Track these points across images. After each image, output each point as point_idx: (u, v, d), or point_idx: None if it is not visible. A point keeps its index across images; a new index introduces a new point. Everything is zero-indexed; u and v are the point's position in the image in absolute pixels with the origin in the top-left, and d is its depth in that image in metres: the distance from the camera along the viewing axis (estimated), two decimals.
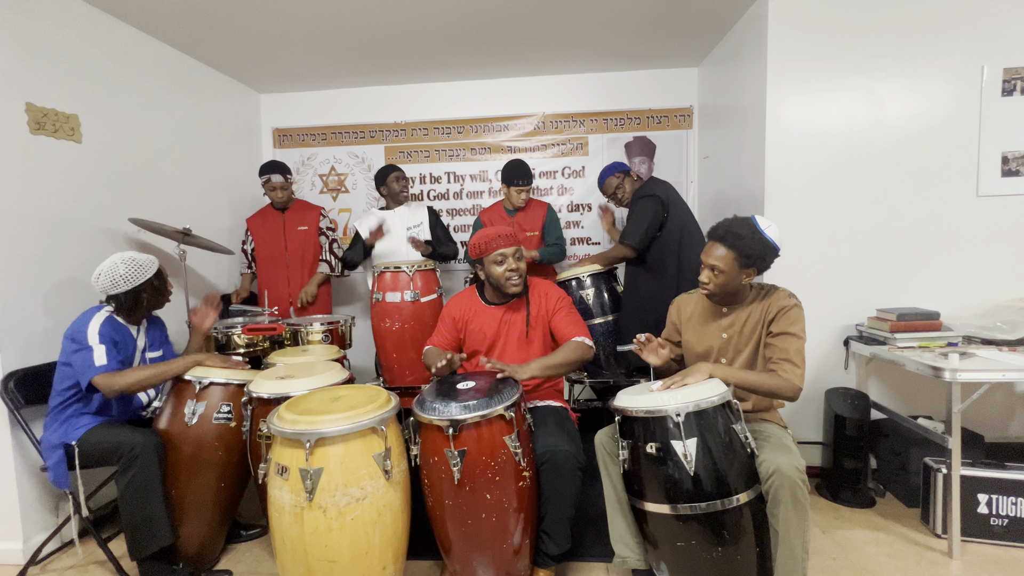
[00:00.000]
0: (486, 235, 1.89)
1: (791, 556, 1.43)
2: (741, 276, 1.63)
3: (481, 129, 3.61)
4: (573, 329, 1.90)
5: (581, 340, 1.87)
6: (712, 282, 1.64)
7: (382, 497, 1.46)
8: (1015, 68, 2.30)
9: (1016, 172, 2.33)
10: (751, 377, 1.57)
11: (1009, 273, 2.36)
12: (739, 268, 1.61)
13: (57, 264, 2.16)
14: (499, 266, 1.87)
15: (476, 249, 1.90)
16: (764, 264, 1.64)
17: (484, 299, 2.00)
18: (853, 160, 2.40)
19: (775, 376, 1.55)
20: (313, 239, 3.14)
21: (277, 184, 3.01)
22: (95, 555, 2.02)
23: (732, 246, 1.60)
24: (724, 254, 1.61)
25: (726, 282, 1.63)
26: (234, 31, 2.68)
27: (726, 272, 1.61)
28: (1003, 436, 2.43)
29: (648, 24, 2.76)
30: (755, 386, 1.56)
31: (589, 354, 1.86)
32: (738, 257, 1.60)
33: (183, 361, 1.90)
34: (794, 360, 1.56)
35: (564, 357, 1.82)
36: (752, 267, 1.62)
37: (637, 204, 2.55)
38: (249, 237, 3.13)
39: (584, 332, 1.90)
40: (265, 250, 3.08)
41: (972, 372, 1.80)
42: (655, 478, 1.46)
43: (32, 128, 2.08)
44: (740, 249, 1.59)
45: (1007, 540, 1.95)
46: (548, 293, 1.98)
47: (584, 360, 1.86)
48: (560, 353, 1.84)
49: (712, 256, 1.63)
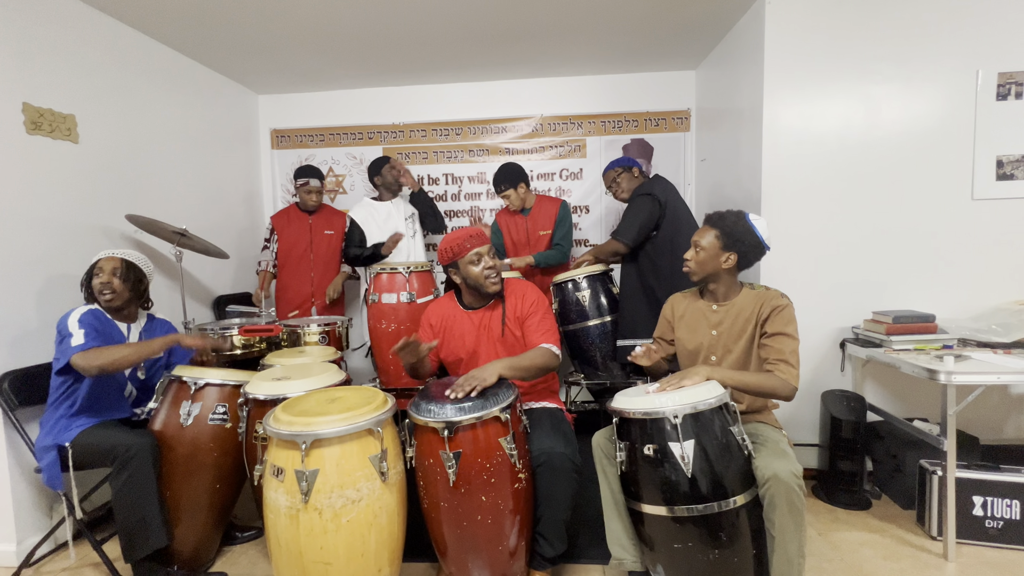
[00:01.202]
0: (456, 238, 1.82)
1: (787, 561, 1.43)
2: (720, 257, 1.70)
3: (479, 131, 3.61)
4: (540, 336, 1.82)
5: (548, 347, 1.78)
6: (692, 259, 1.74)
7: (378, 499, 1.46)
8: (1010, 72, 2.31)
9: (1011, 176, 2.35)
10: (748, 378, 1.58)
11: (1004, 276, 2.38)
12: (719, 248, 1.70)
13: (53, 264, 2.15)
14: (475, 266, 1.81)
15: (448, 253, 1.83)
16: (744, 251, 1.68)
17: (462, 304, 1.95)
18: (849, 163, 2.41)
19: (772, 376, 1.57)
20: (338, 244, 3.17)
21: (314, 188, 3.09)
22: (89, 557, 2.01)
23: (715, 225, 1.71)
24: (708, 234, 1.72)
25: (705, 260, 1.71)
26: (232, 32, 2.68)
27: (706, 250, 1.71)
28: (998, 438, 2.44)
29: (646, 27, 2.77)
30: (752, 387, 1.57)
31: (555, 363, 1.79)
32: (720, 236, 1.69)
33: (161, 340, 1.88)
34: (790, 360, 1.58)
35: (531, 361, 1.73)
36: (732, 251, 1.69)
37: (634, 201, 2.57)
38: (274, 236, 3.14)
39: (553, 339, 1.82)
40: (291, 250, 3.10)
41: (967, 375, 1.81)
42: (652, 480, 1.46)
43: (29, 128, 2.08)
44: (723, 229, 1.69)
45: (1002, 542, 1.95)
46: (525, 295, 1.91)
47: (549, 368, 1.78)
48: (527, 356, 1.75)
49: (700, 236, 1.74)
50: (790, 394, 1.56)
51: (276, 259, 3.15)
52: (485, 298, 1.90)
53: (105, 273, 1.94)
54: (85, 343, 1.76)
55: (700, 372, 1.56)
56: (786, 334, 1.61)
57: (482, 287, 1.83)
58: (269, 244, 3.16)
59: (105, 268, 1.94)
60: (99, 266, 1.95)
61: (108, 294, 1.93)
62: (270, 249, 3.15)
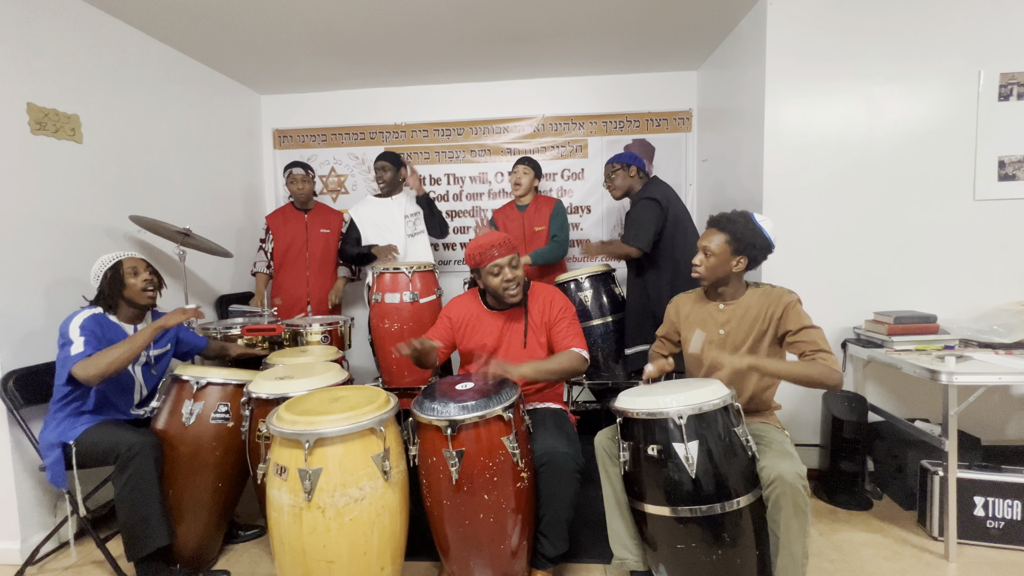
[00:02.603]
0: (480, 245, 1.84)
1: (791, 561, 1.43)
2: (731, 262, 1.68)
3: (481, 131, 3.61)
4: (570, 340, 1.85)
5: (577, 352, 1.82)
6: (703, 264, 1.71)
7: (381, 498, 1.46)
8: (1012, 73, 2.32)
9: (1012, 176, 2.35)
10: (794, 368, 1.55)
11: (1005, 276, 2.38)
12: (730, 253, 1.68)
13: (57, 264, 2.16)
14: (495, 277, 1.83)
15: (472, 260, 1.87)
16: (755, 255, 1.68)
17: (486, 304, 1.97)
18: (851, 164, 2.41)
19: (817, 364, 1.54)
20: (334, 243, 3.16)
21: (297, 176, 3.05)
22: (93, 555, 2.01)
23: (724, 229, 1.69)
24: (717, 237, 1.69)
25: (716, 265, 1.69)
26: (235, 32, 2.69)
27: (717, 255, 1.68)
28: (999, 439, 2.44)
29: (647, 28, 2.77)
30: (800, 377, 1.54)
31: (583, 367, 1.82)
32: (730, 240, 1.67)
33: (147, 330, 1.87)
34: (825, 348, 1.57)
35: (559, 364, 1.78)
36: (743, 255, 1.67)
37: (639, 205, 2.54)
38: (270, 236, 3.12)
39: (582, 344, 1.85)
40: (287, 250, 3.08)
41: (968, 375, 1.81)
42: (656, 480, 1.46)
43: (33, 128, 2.09)
44: (732, 233, 1.67)
45: (1003, 543, 1.95)
46: (552, 301, 1.92)
47: (577, 372, 1.82)
48: (555, 360, 1.80)
49: (707, 239, 1.71)
50: (838, 382, 1.52)
51: (271, 260, 3.12)
52: (507, 304, 1.91)
53: (144, 271, 1.96)
54: (84, 351, 1.75)
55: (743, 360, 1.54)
56: (810, 326, 1.61)
57: (501, 297, 1.87)
58: (264, 244, 3.12)
59: (140, 266, 1.96)
60: (131, 265, 1.94)
61: (152, 290, 1.96)
62: (264, 250, 3.12)
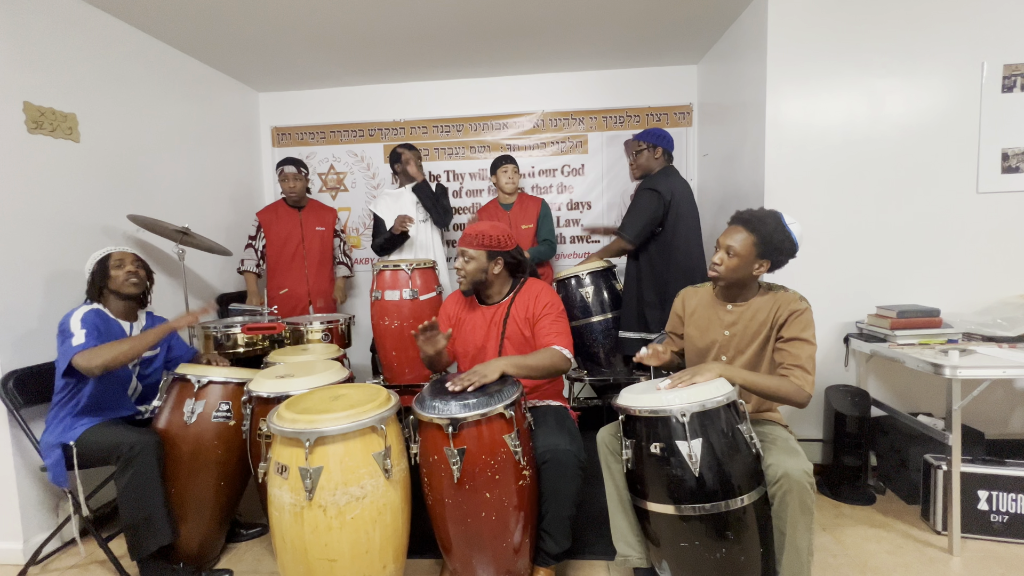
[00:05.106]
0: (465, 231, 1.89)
1: (796, 558, 1.43)
2: (754, 265, 1.60)
3: (480, 127, 3.60)
4: (552, 337, 1.79)
5: (558, 349, 1.76)
6: (724, 264, 1.60)
7: (382, 496, 1.46)
8: (1015, 64, 2.29)
9: (1016, 168, 2.33)
10: (763, 381, 1.52)
11: (1009, 270, 2.36)
12: (755, 256, 1.58)
13: (56, 263, 2.15)
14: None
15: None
16: (779, 260, 1.61)
17: (478, 298, 1.99)
18: (853, 157, 2.40)
19: (786, 382, 1.51)
20: (329, 240, 3.16)
21: (289, 174, 3.00)
22: (96, 555, 2.01)
23: (754, 231, 1.57)
24: (744, 237, 1.58)
25: (738, 266, 1.59)
26: (232, 29, 2.67)
27: (741, 256, 1.58)
28: (1003, 433, 2.44)
29: (647, 21, 2.75)
30: (764, 390, 1.52)
31: (564, 365, 1.76)
32: (757, 243, 1.57)
33: (157, 330, 1.88)
34: (806, 366, 1.53)
35: (538, 361, 1.71)
36: (767, 259, 1.59)
37: (639, 195, 2.50)
38: (260, 233, 3.06)
39: (565, 343, 1.79)
40: (282, 248, 3.04)
41: (972, 369, 1.80)
42: (659, 478, 1.45)
43: (30, 127, 2.07)
44: (762, 235, 1.56)
45: (1007, 536, 1.95)
46: (538, 296, 1.88)
47: (558, 370, 1.75)
48: (534, 356, 1.73)
49: (730, 238, 1.60)
50: (804, 401, 1.51)
51: (262, 258, 3.06)
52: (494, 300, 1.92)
53: (128, 263, 1.96)
54: (86, 343, 1.75)
55: (712, 369, 1.51)
56: (803, 339, 1.54)
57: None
58: (254, 242, 3.05)
59: (126, 259, 1.97)
60: (117, 258, 1.96)
61: (135, 280, 1.96)
62: (254, 247, 3.05)
